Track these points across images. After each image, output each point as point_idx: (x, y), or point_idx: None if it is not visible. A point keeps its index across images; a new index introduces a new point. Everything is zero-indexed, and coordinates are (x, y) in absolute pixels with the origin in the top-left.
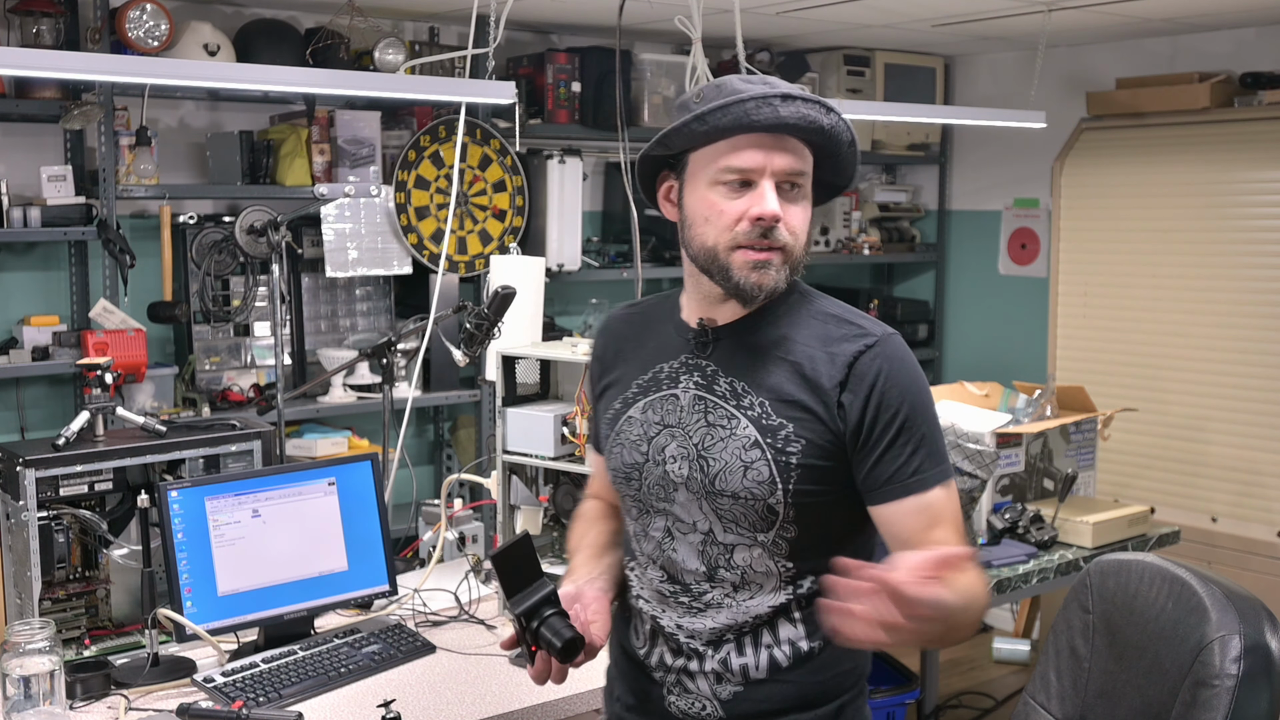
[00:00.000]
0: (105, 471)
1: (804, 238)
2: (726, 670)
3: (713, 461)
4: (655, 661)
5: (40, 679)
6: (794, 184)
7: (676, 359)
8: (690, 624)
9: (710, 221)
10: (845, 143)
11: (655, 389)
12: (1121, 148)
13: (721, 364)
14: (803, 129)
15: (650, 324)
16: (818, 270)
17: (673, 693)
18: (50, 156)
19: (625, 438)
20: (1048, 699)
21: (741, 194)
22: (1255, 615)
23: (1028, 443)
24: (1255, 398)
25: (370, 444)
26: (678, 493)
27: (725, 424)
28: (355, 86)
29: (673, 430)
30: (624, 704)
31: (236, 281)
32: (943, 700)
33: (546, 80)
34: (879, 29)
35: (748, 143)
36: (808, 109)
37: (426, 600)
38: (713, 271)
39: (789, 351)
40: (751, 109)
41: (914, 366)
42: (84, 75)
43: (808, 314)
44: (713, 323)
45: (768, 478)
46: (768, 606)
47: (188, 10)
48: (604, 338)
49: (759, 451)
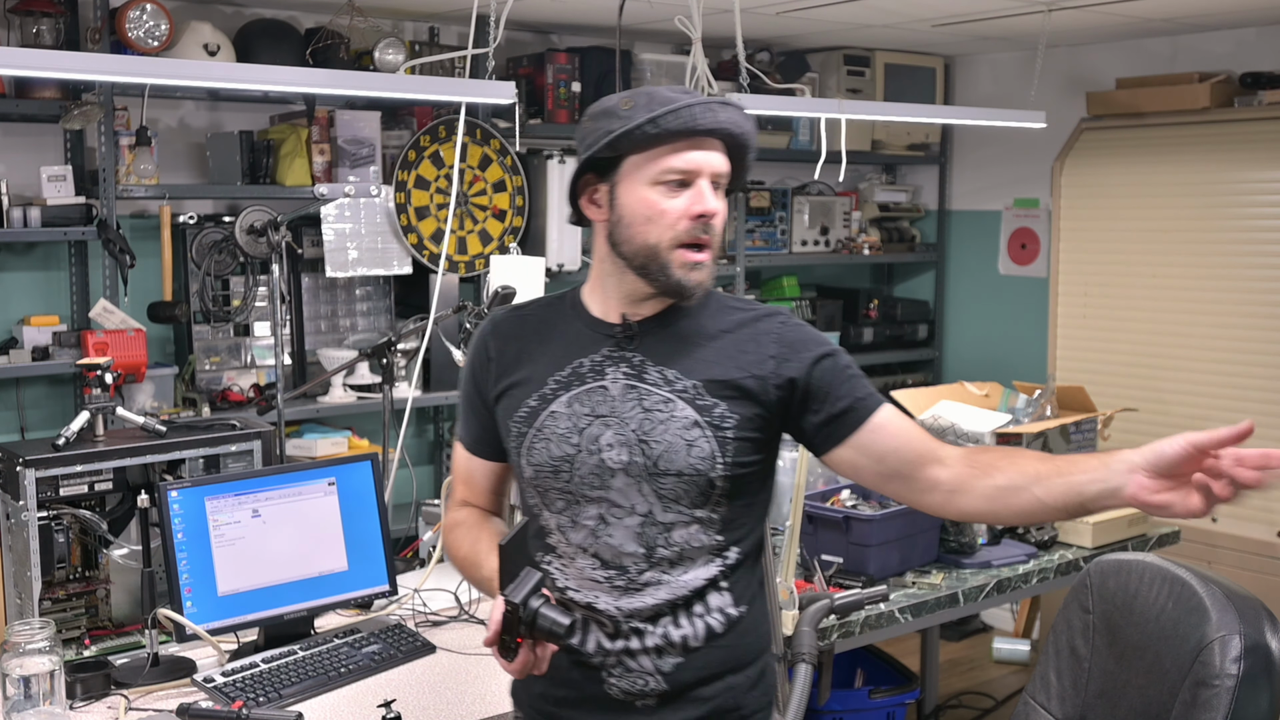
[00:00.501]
0: (105, 471)
1: (721, 234)
2: (668, 643)
3: (655, 444)
4: (593, 648)
5: (40, 679)
6: (718, 184)
7: (597, 353)
8: (628, 604)
9: (652, 220)
10: (753, 148)
11: (579, 382)
12: (1121, 148)
13: (647, 354)
14: (733, 134)
15: (550, 324)
16: (818, 270)
17: (613, 675)
18: (50, 156)
19: (551, 432)
20: (1048, 699)
21: (680, 193)
22: (1255, 615)
23: (1028, 443)
24: (1255, 398)
25: (370, 444)
26: (615, 479)
27: (663, 408)
28: (355, 86)
29: (606, 420)
30: (552, 699)
31: (236, 281)
32: (943, 700)
33: (546, 80)
34: (879, 29)
35: (688, 145)
36: (737, 115)
37: (426, 600)
38: (651, 269)
39: (709, 338)
40: (699, 113)
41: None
42: (84, 75)
43: (713, 305)
44: (636, 317)
45: (709, 453)
46: (701, 579)
47: (188, 10)
48: (497, 340)
49: (699, 430)
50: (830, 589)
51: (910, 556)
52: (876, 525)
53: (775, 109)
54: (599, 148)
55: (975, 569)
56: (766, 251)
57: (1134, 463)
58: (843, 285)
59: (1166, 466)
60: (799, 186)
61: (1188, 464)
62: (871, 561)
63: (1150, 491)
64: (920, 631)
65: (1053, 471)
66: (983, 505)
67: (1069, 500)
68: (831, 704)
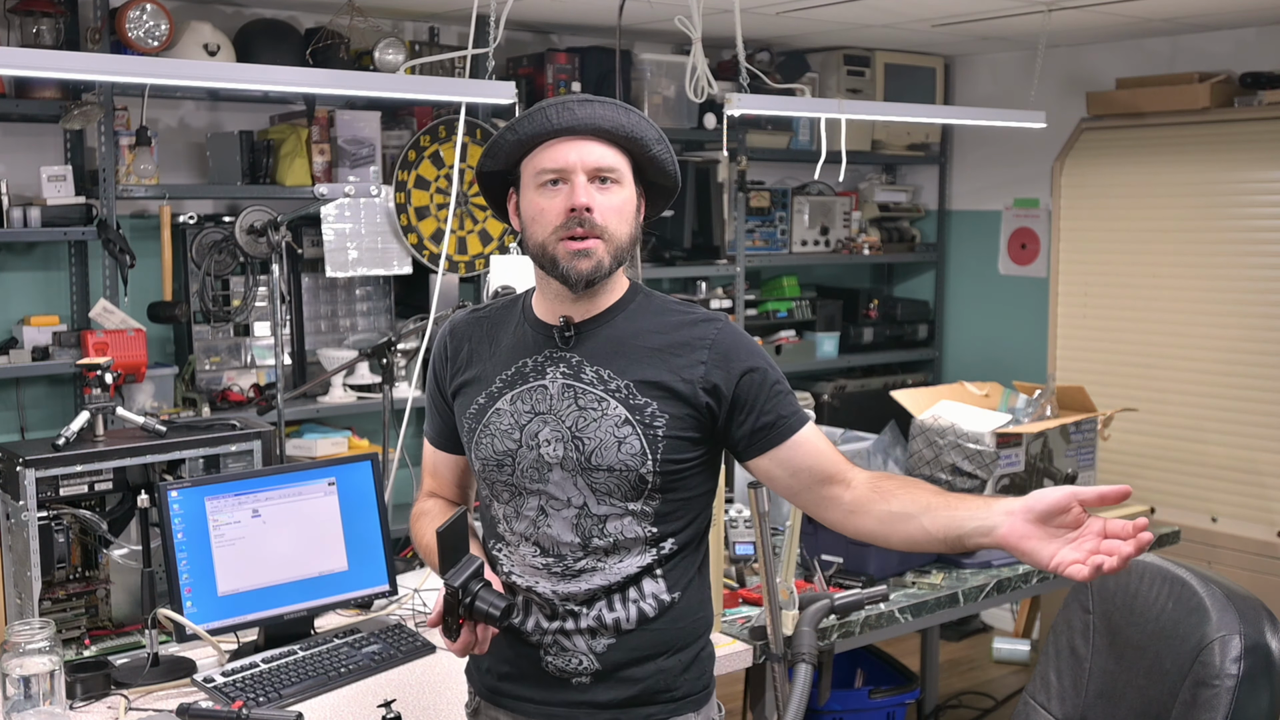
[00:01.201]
0: (105, 471)
1: (625, 227)
2: (600, 626)
3: (588, 440)
4: (531, 627)
5: (40, 679)
6: (606, 178)
7: (540, 353)
8: (565, 589)
9: (537, 220)
10: (653, 140)
11: (522, 381)
12: (1121, 148)
13: (585, 355)
14: (602, 128)
15: (500, 325)
16: (817, 270)
17: (549, 653)
18: (50, 156)
19: (495, 428)
20: (1048, 699)
21: (559, 191)
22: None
23: (1028, 443)
24: (1255, 398)
25: (370, 444)
26: (552, 473)
27: (596, 406)
28: (355, 86)
29: (544, 417)
30: (496, 674)
31: (236, 281)
32: (943, 700)
33: (546, 80)
34: (879, 29)
35: (557, 145)
36: (604, 109)
37: (426, 600)
38: (545, 265)
39: (645, 340)
40: (551, 114)
41: (745, 335)
42: (84, 75)
43: (654, 308)
44: (572, 320)
45: (639, 450)
46: (635, 566)
47: (188, 10)
48: (454, 340)
49: (630, 428)
50: (830, 589)
51: (910, 556)
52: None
53: (775, 109)
54: (480, 160)
55: (975, 569)
56: (766, 251)
57: (1013, 507)
58: (843, 285)
59: (1042, 514)
60: (799, 186)
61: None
62: (871, 561)
63: (1020, 536)
64: (920, 631)
65: (942, 505)
66: (875, 527)
67: (949, 533)
68: (831, 704)
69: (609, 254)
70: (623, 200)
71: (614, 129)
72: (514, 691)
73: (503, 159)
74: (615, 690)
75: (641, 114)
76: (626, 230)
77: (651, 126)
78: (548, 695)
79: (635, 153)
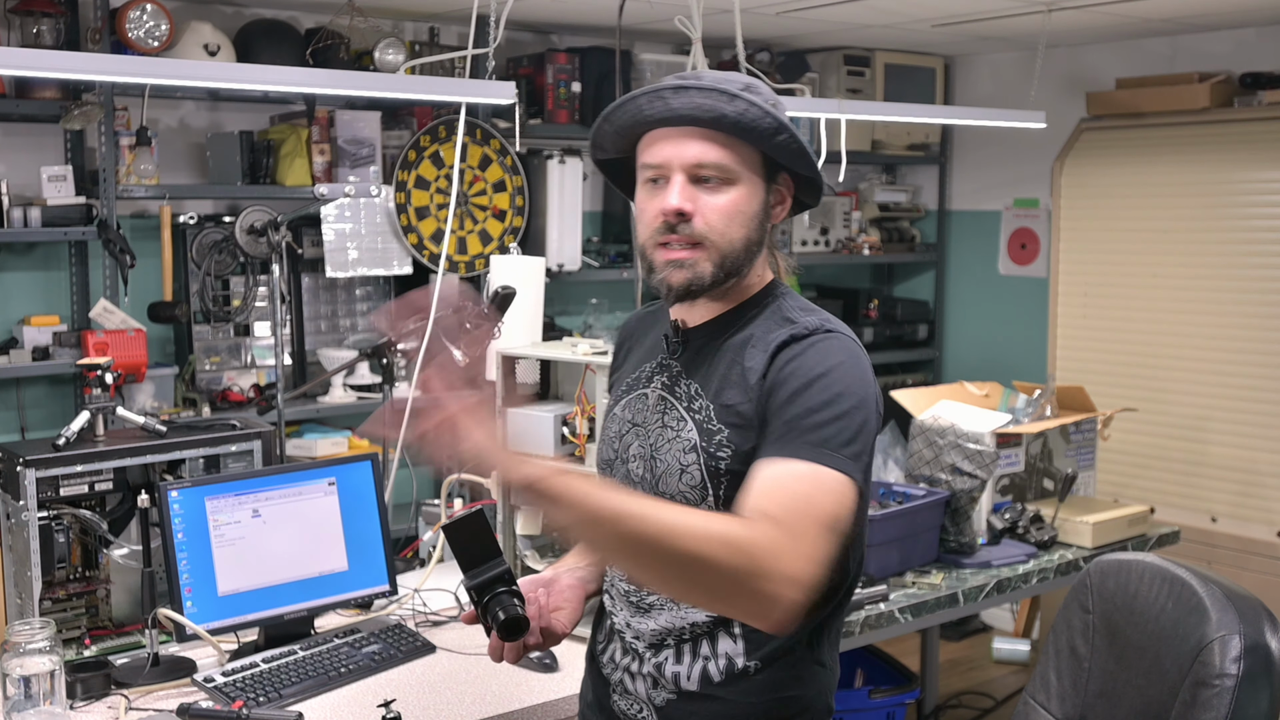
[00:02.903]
0: (105, 471)
1: (737, 231)
2: (660, 675)
3: (659, 462)
4: (607, 658)
5: (40, 679)
6: (711, 176)
7: (655, 359)
8: (637, 624)
9: (640, 220)
10: (768, 131)
11: (635, 388)
12: (1121, 148)
13: (686, 366)
14: (701, 119)
15: (656, 324)
16: (817, 270)
17: (616, 691)
18: (50, 156)
19: (606, 434)
20: (1048, 699)
21: (659, 190)
22: (1255, 615)
23: (1028, 443)
24: (1255, 398)
25: (370, 444)
26: (636, 490)
27: (675, 426)
28: (355, 86)
29: (638, 430)
30: (586, 700)
31: (236, 281)
32: (943, 700)
33: (546, 80)
34: (879, 29)
35: (658, 138)
36: (703, 98)
37: (426, 600)
38: (646, 270)
39: (742, 356)
40: (644, 104)
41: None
42: (84, 75)
43: (771, 316)
44: (685, 324)
45: (699, 482)
46: (706, 615)
47: (188, 10)
48: (621, 335)
49: (694, 455)
50: None
51: (910, 556)
52: (876, 525)
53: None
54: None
55: (975, 569)
56: None
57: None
58: (843, 285)
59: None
60: None
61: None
62: (871, 561)
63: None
64: (920, 631)
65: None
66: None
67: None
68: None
69: (712, 263)
70: (733, 199)
71: (714, 122)
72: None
73: (611, 149)
74: None
75: (758, 97)
76: (740, 234)
77: (767, 113)
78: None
79: (751, 139)
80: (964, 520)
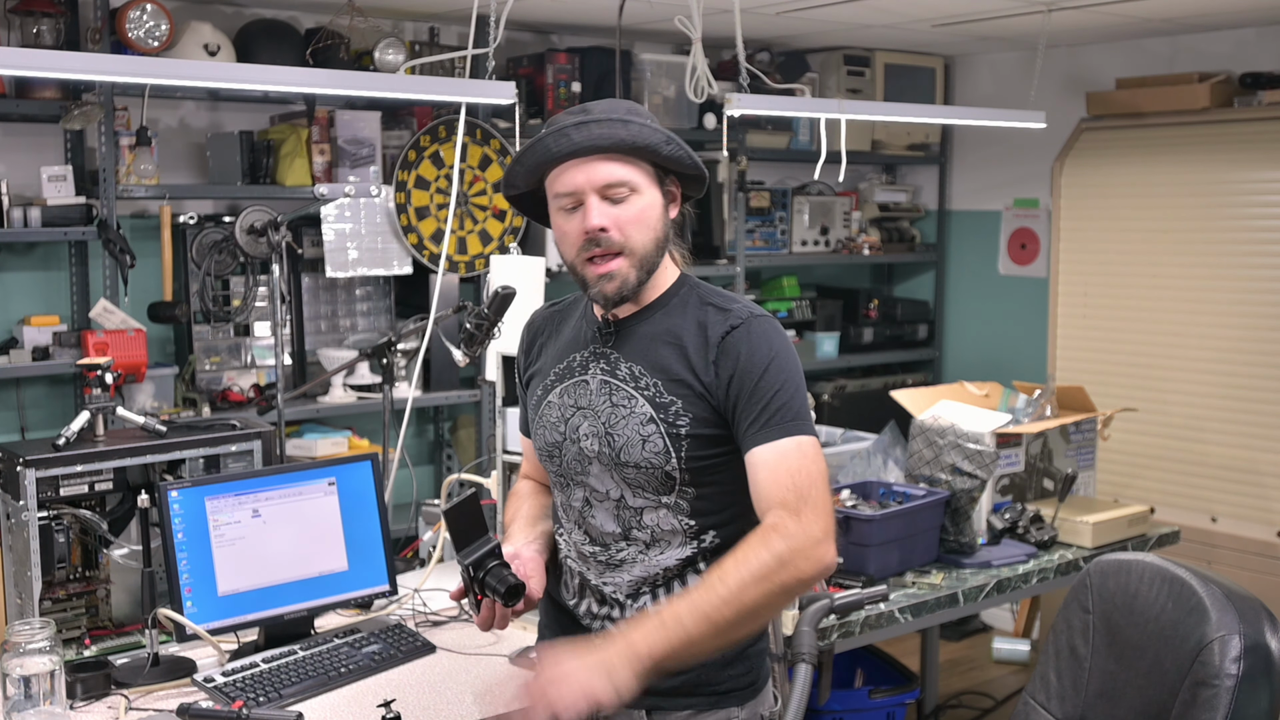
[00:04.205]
0: (105, 471)
1: (647, 234)
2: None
3: (617, 437)
4: (584, 610)
5: (40, 679)
6: (619, 193)
7: (586, 349)
8: (611, 578)
9: (562, 242)
10: (660, 144)
11: (569, 376)
12: (1121, 148)
13: (622, 352)
14: (603, 146)
15: (566, 319)
16: (817, 270)
17: (598, 637)
18: (50, 156)
19: (546, 420)
20: (1048, 699)
21: (576, 214)
22: (1255, 615)
23: (1028, 443)
24: (1255, 398)
25: (370, 444)
26: (591, 466)
27: (626, 404)
28: (355, 86)
29: (584, 412)
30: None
31: (236, 281)
32: (943, 700)
33: (546, 80)
34: (879, 29)
35: (567, 169)
36: (600, 129)
37: (426, 600)
38: (579, 284)
39: (675, 338)
40: (550, 143)
41: (774, 340)
42: (84, 75)
43: (692, 304)
44: (615, 317)
45: (662, 449)
46: (675, 559)
47: (188, 10)
48: (529, 332)
49: (654, 426)
50: (830, 589)
51: (910, 556)
52: (876, 525)
53: (775, 109)
54: (504, 188)
55: (975, 569)
56: (766, 251)
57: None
58: (843, 285)
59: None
60: (799, 186)
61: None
62: (871, 561)
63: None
64: (920, 631)
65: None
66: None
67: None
68: (831, 704)
69: (634, 267)
70: (641, 208)
71: (614, 147)
72: None
73: (523, 185)
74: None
75: (642, 119)
76: (650, 236)
77: (655, 130)
78: None
79: (648, 158)
80: (964, 520)
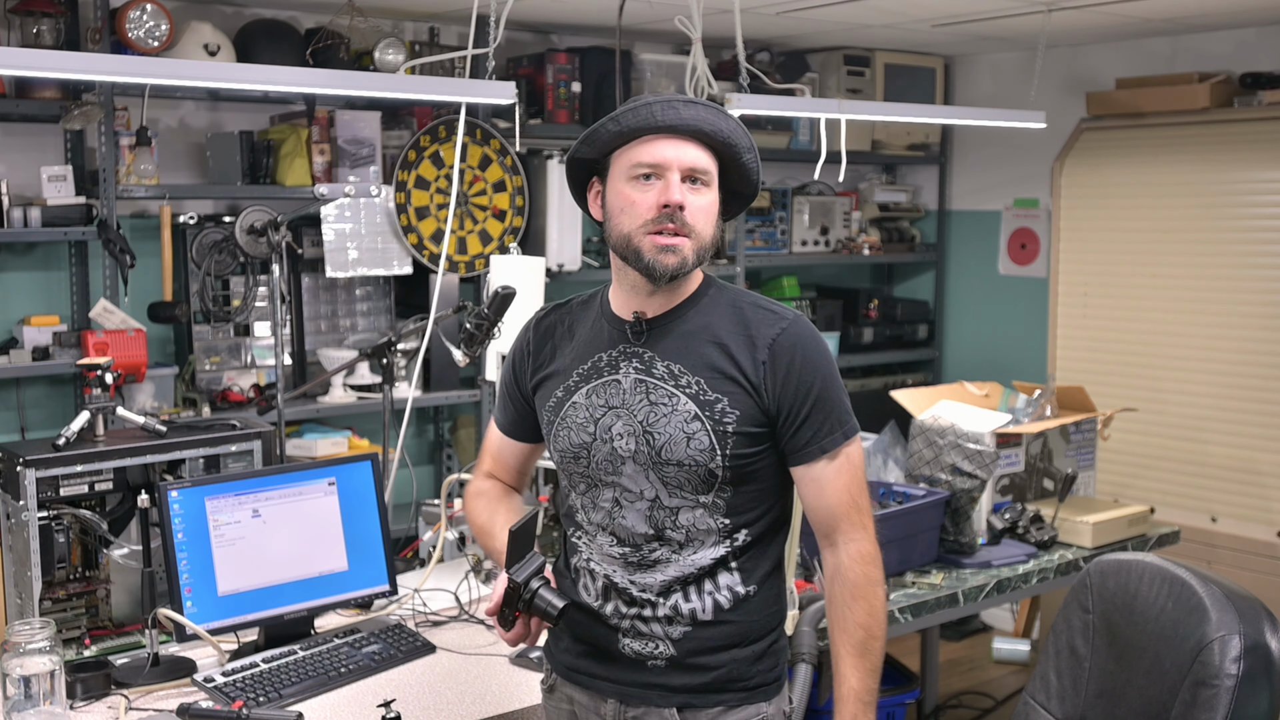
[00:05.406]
0: (105, 471)
1: (710, 229)
2: (677, 614)
3: (658, 435)
4: (610, 611)
5: (40, 679)
6: (698, 179)
7: (614, 348)
8: (642, 579)
9: (625, 212)
10: (744, 149)
11: (597, 376)
12: (1121, 148)
13: (656, 350)
14: (703, 130)
15: (579, 320)
16: (817, 270)
17: (628, 636)
18: (50, 156)
19: (572, 421)
20: (1048, 699)
21: (651, 186)
22: (1255, 615)
23: (1028, 443)
24: (1255, 398)
25: (370, 444)
26: (625, 466)
27: (667, 402)
28: (355, 86)
29: (618, 411)
30: (574, 652)
31: (236, 281)
32: (943, 700)
33: (546, 80)
34: (879, 29)
35: (656, 141)
36: (706, 112)
37: (426, 600)
38: (628, 257)
39: (715, 336)
40: (657, 110)
41: (821, 343)
42: (84, 75)
43: (726, 304)
44: (644, 315)
45: (708, 446)
46: (709, 559)
47: (188, 10)
48: (537, 334)
49: (699, 423)
50: None
51: (910, 556)
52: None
53: (775, 109)
54: (574, 146)
55: (975, 569)
56: (766, 251)
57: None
58: (843, 285)
59: None
60: (799, 186)
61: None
62: None
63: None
64: (920, 631)
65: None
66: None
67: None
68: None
69: (694, 252)
70: (710, 202)
71: (714, 132)
72: (591, 670)
73: (598, 148)
74: (689, 676)
75: (738, 121)
76: (710, 232)
77: (745, 135)
78: (623, 675)
79: (725, 157)
80: (964, 520)
